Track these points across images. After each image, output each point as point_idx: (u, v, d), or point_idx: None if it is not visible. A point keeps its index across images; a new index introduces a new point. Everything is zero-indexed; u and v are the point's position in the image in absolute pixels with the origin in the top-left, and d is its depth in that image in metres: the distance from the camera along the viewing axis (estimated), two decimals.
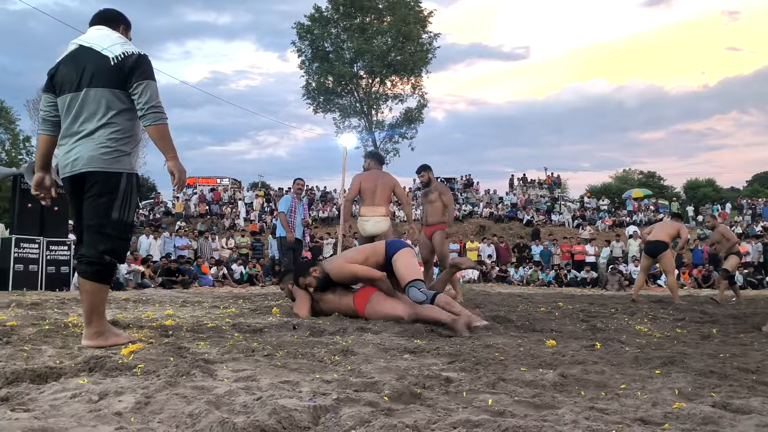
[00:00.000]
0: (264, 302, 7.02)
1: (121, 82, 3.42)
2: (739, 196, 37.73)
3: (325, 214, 30.04)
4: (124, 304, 6.50)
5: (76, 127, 3.44)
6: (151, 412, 1.87)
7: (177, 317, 4.87)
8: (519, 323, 4.99)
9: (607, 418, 1.91)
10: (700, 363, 3.06)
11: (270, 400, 1.95)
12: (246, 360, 2.85)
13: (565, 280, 20.28)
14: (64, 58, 3.57)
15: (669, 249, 9.40)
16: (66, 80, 3.49)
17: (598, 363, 3.02)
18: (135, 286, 13.62)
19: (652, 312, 6.69)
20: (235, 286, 15.69)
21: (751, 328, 5.11)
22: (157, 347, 3.02)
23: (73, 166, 3.41)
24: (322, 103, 39.49)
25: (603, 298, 10.48)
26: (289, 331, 4.07)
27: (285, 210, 10.15)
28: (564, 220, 31.45)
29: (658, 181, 56.28)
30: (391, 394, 2.16)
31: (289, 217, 10.08)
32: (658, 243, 9.45)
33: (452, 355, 3.18)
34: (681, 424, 1.90)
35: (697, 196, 48.69)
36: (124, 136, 3.50)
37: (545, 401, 2.15)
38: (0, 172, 9.70)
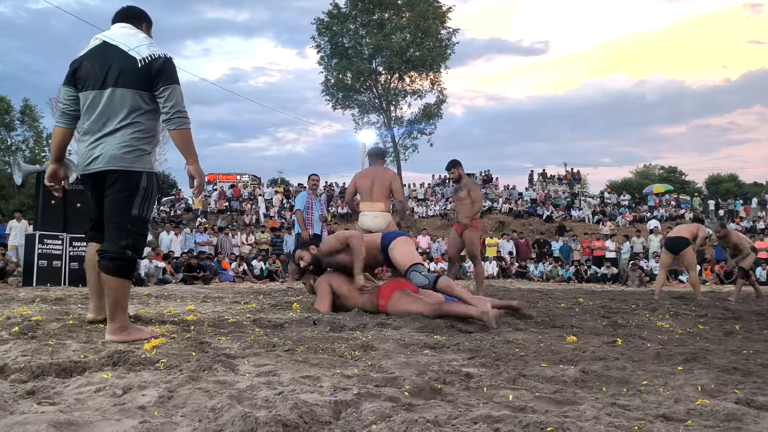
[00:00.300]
0: (284, 298, 7.06)
1: (146, 83, 3.48)
2: (762, 191, 37.21)
3: (344, 210, 30.08)
4: (146, 299, 6.56)
5: (100, 125, 3.49)
6: (174, 406, 1.89)
7: (198, 312, 4.90)
8: (539, 319, 4.97)
9: (629, 414, 1.90)
10: (723, 359, 3.03)
11: (291, 394, 1.95)
12: (267, 355, 2.87)
13: (585, 276, 20.16)
14: (87, 53, 3.60)
15: (690, 246, 9.32)
16: (90, 76, 3.52)
17: (620, 359, 3.00)
18: (156, 282, 13.74)
19: (673, 308, 6.64)
20: (255, 282, 15.77)
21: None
22: (180, 342, 3.04)
23: (96, 162, 3.47)
24: (340, 100, 39.51)
25: (623, 294, 10.40)
26: (309, 327, 4.08)
27: (302, 207, 10.18)
28: (584, 215, 31.25)
29: (679, 176, 55.70)
30: (412, 390, 2.16)
31: (306, 214, 10.11)
32: (679, 239, 9.37)
33: (472, 351, 3.17)
34: (704, 420, 1.88)
35: (719, 191, 48.13)
36: (146, 135, 3.57)
37: (566, 397, 2.14)
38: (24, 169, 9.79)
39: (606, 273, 20.13)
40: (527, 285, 16.52)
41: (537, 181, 37.51)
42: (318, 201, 10.41)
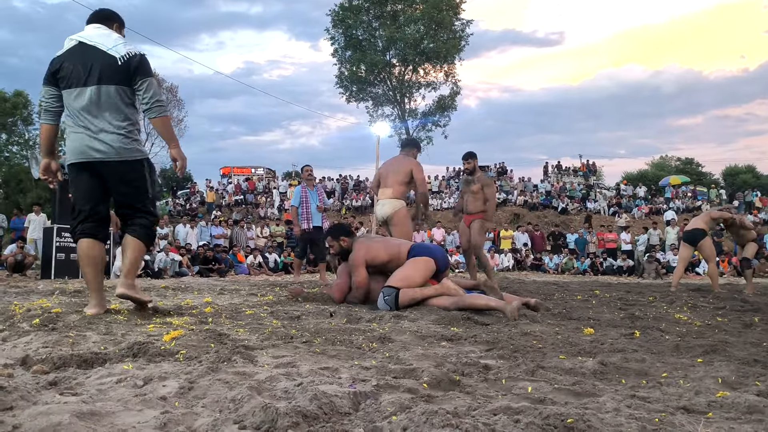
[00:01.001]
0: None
1: (126, 79, 3.87)
2: None
3: (359, 203, 30.12)
4: (163, 291, 6.60)
5: (91, 119, 3.86)
6: (195, 397, 1.90)
7: (216, 305, 4.93)
8: (556, 311, 4.95)
9: (650, 406, 1.89)
10: (743, 351, 3.00)
11: (311, 386, 1.96)
12: (285, 347, 2.88)
13: (601, 269, 20.07)
14: (66, 53, 3.92)
15: (708, 236, 9.23)
16: (72, 75, 3.86)
17: (638, 351, 2.98)
18: (173, 275, 13.83)
19: (691, 300, 6.59)
20: (270, 275, 15.83)
21: None
22: (198, 334, 3.06)
23: (101, 153, 3.86)
24: (354, 92, 39.51)
25: (640, 287, 10.35)
26: (326, 318, 4.09)
27: (296, 203, 10.05)
28: (599, 207, 31.08)
29: (696, 167, 55.19)
30: (430, 381, 2.16)
31: (301, 209, 9.99)
32: (696, 231, 9.29)
33: (490, 343, 3.17)
34: (725, 412, 1.87)
35: (736, 182, 47.70)
36: (135, 128, 4.01)
37: (586, 389, 2.13)
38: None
39: (622, 265, 20.02)
40: (542, 277, 16.47)
41: (552, 173, 37.33)
42: (314, 192, 10.24)
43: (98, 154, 3.85)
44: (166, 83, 42.57)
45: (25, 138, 38.67)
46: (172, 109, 42.63)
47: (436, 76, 39.68)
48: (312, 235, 10.00)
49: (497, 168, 36.58)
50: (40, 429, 1.47)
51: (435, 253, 5.06)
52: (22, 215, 17.77)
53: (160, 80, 41.94)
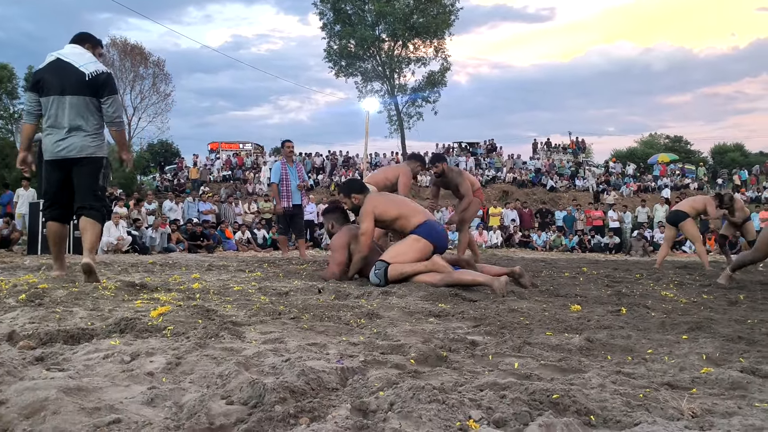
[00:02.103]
0: (288, 266, 7.09)
1: (93, 92, 4.74)
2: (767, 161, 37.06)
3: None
4: (151, 267, 6.59)
5: (64, 122, 4.72)
6: (182, 373, 1.91)
7: (204, 281, 4.93)
8: (543, 288, 4.99)
9: (634, 382, 1.91)
10: (728, 328, 3.04)
11: (298, 361, 1.97)
12: (273, 323, 2.88)
13: (589, 246, 20.19)
14: (46, 67, 4.79)
15: (689, 218, 9.28)
16: (51, 86, 4.73)
17: (624, 328, 3.01)
18: (160, 251, 13.80)
19: (677, 278, 6.66)
20: (258, 251, 15.83)
21: None
22: (186, 310, 3.06)
23: (69, 151, 4.74)
24: (344, 67, 39.30)
25: (627, 264, 10.43)
26: (314, 295, 4.10)
27: (276, 180, 9.89)
28: (588, 185, 31.19)
29: (684, 145, 55.37)
30: (418, 357, 2.17)
31: (281, 186, 9.86)
32: (678, 212, 9.36)
33: (477, 319, 3.19)
34: (709, 389, 1.89)
35: (724, 160, 47.93)
36: (100, 129, 4.87)
37: (572, 365, 2.15)
38: None
39: (609, 243, 20.15)
40: (530, 254, 16.57)
41: (541, 150, 37.38)
42: (294, 169, 10.05)
43: (65, 152, 4.73)
44: (152, 57, 42.10)
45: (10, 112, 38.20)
46: (159, 83, 42.21)
47: (426, 51, 39.53)
48: (291, 212, 9.94)
49: (487, 145, 36.57)
50: (26, 404, 1.47)
51: (437, 240, 5.01)
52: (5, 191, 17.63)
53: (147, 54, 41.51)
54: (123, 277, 5.17)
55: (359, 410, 1.56)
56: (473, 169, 31.87)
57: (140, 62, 41.46)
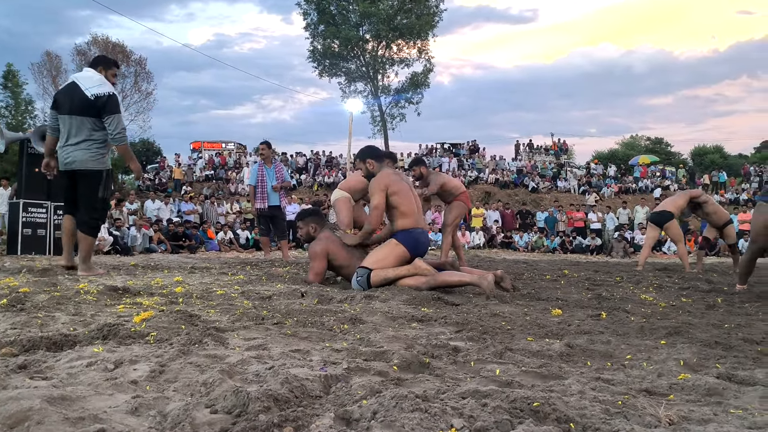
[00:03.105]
0: (271, 268, 7.07)
1: (95, 112, 5.49)
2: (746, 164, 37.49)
3: (331, 180, 30.01)
4: (132, 270, 6.55)
5: (70, 139, 5.55)
6: (166, 381, 1.91)
7: (186, 284, 4.91)
8: (525, 291, 5.02)
9: (613, 388, 1.95)
10: (705, 333, 3.09)
11: (282, 369, 1.98)
12: (256, 328, 2.89)
13: (570, 247, 20.32)
14: (63, 88, 5.72)
15: (674, 219, 9.38)
16: (63, 105, 5.59)
17: (604, 333, 3.05)
18: (142, 251, 13.72)
19: (657, 280, 6.73)
20: (241, 252, 15.78)
21: (756, 297, 5.14)
22: (169, 315, 3.05)
23: (71, 165, 5.57)
24: (327, 67, 39.25)
25: (608, 266, 10.52)
26: (297, 299, 4.11)
27: (253, 182, 9.93)
28: (570, 186, 31.39)
29: (665, 147, 55.87)
30: (400, 364, 2.19)
31: (257, 187, 9.87)
32: (663, 213, 9.43)
33: (459, 324, 3.21)
34: (686, 395, 1.93)
35: (704, 162, 48.41)
36: (102, 146, 5.63)
37: (552, 371, 2.18)
38: (7, 136, 9.67)
39: (590, 244, 20.30)
40: (512, 255, 16.65)
41: (523, 151, 37.56)
42: (272, 170, 10.03)
43: (69, 164, 5.57)
44: (134, 55, 41.78)
45: None
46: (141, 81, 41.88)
47: (410, 52, 39.60)
48: (270, 213, 9.94)
49: (469, 145, 36.68)
50: (10, 414, 1.47)
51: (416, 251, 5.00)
52: None
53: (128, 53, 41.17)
54: (105, 280, 5.14)
55: (342, 419, 1.58)
56: (456, 170, 31.97)
57: (122, 60, 41.12)
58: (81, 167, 5.53)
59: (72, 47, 41.47)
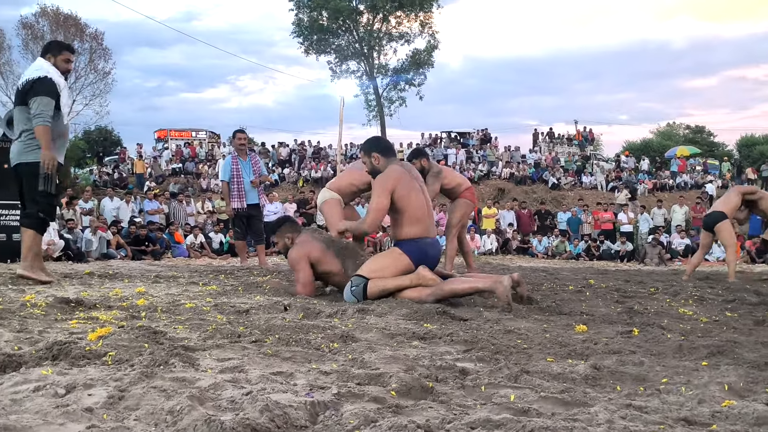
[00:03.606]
0: (249, 277, 7.07)
1: (25, 100, 5.87)
2: None
3: (319, 174, 30.02)
4: (87, 279, 6.55)
5: (14, 132, 6.04)
6: (126, 408, 1.91)
7: (150, 296, 4.91)
8: (544, 304, 5.03)
9: (647, 417, 1.95)
10: (754, 353, 3.09)
11: (261, 394, 1.98)
12: (231, 347, 2.89)
13: (597, 253, 20.35)
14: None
15: (725, 220, 9.39)
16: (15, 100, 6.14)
17: (636, 353, 3.06)
18: (98, 257, 13.70)
19: (697, 292, 6.74)
20: (214, 258, 15.78)
21: None
22: (129, 332, 3.05)
23: (12, 160, 6.03)
24: (315, 43, 39.23)
25: (641, 275, 10.53)
26: (279, 313, 4.11)
27: (227, 178, 9.94)
28: (596, 182, 31.43)
29: (707, 137, 56.08)
30: (399, 389, 2.19)
31: (233, 184, 9.90)
32: (712, 213, 9.49)
33: (468, 343, 3.22)
34: (731, 425, 1.93)
35: (752, 154, 48.52)
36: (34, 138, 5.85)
37: (575, 397, 2.18)
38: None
39: (620, 249, 20.33)
40: (530, 262, 16.67)
41: (542, 141, 37.61)
42: (248, 163, 10.08)
43: (12, 161, 6.02)
44: (89, 28, 41.73)
45: None
46: (97, 59, 41.78)
47: (410, 26, 39.58)
48: (248, 213, 9.94)
49: (480, 135, 36.72)
50: None
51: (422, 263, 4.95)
52: None
53: (82, 26, 41.09)
54: (55, 291, 5.13)
55: None
56: (464, 163, 32.02)
57: (75, 35, 41.03)
58: (17, 160, 5.95)
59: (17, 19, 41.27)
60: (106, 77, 42.40)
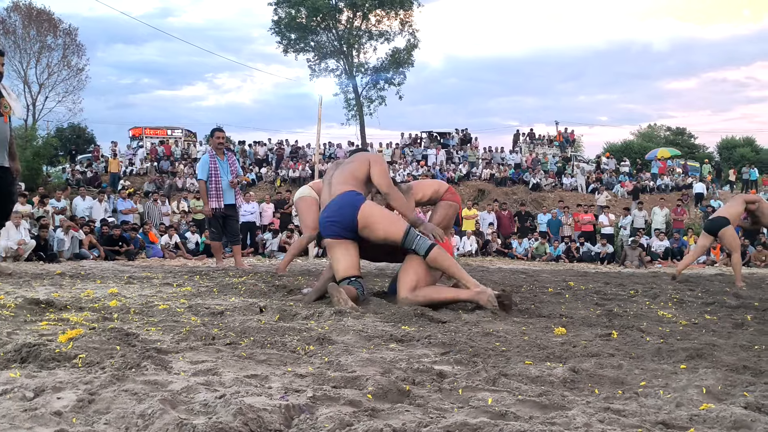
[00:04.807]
0: (225, 278, 7.05)
1: None
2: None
3: (297, 174, 29.95)
4: (59, 280, 6.49)
5: None
6: (96, 412, 1.90)
7: (123, 297, 4.88)
8: (523, 307, 5.05)
9: (625, 420, 1.96)
10: (732, 356, 3.12)
11: (235, 398, 1.97)
12: (205, 349, 2.88)
13: (577, 255, 20.46)
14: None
15: (729, 225, 9.52)
16: None
17: (615, 355, 3.08)
18: (71, 258, 13.59)
19: (677, 294, 6.79)
20: (189, 258, 15.69)
21: None
22: (101, 334, 3.03)
23: None
24: (293, 42, 39.11)
25: (621, 277, 10.60)
26: (255, 315, 4.10)
27: (204, 177, 9.87)
28: (577, 184, 31.59)
29: (688, 139, 56.59)
30: (376, 392, 2.19)
31: (210, 183, 9.83)
32: (717, 219, 9.66)
33: (446, 345, 3.22)
34: (709, 428, 1.95)
35: (733, 157, 49.01)
36: None
37: (553, 401, 2.19)
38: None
39: (600, 251, 20.45)
40: (510, 264, 16.73)
41: (523, 142, 37.73)
42: (225, 163, 10.02)
43: None
44: (63, 24, 41.42)
45: None
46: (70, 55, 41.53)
47: (390, 24, 39.57)
48: (224, 213, 9.90)
49: (460, 135, 36.79)
50: None
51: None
52: None
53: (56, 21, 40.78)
54: (25, 292, 5.09)
55: None
56: (444, 164, 32.07)
57: (48, 30, 40.79)
58: None
59: None
60: (80, 74, 42.20)
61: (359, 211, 4.86)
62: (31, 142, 28.66)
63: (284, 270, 8.48)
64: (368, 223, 4.85)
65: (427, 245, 4.80)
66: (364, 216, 4.85)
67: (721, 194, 29.81)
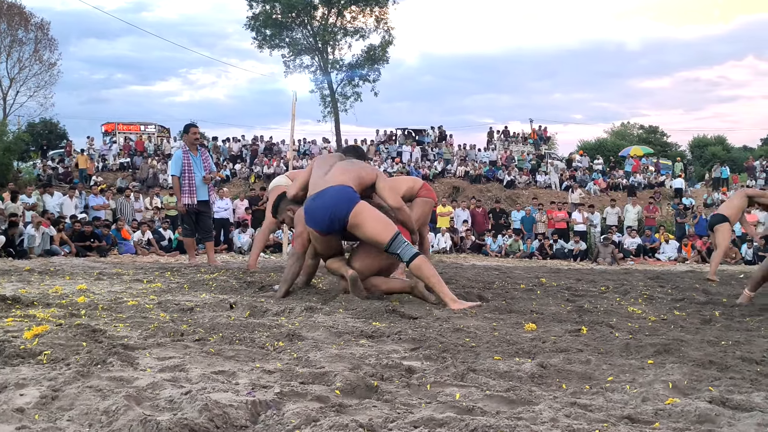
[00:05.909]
0: (196, 275, 7.00)
1: None
2: (750, 157, 38.45)
3: (271, 170, 29.82)
4: (27, 276, 6.42)
5: None
6: (59, 409, 1.88)
7: (91, 293, 4.84)
8: (494, 303, 5.07)
9: (591, 415, 1.97)
10: (699, 352, 3.16)
11: (201, 394, 1.96)
12: (173, 346, 2.86)
13: (550, 252, 20.56)
14: None
15: (727, 222, 9.61)
16: None
17: (584, 351, 3.10)
18: (41, 254, 13.45)
19: (647, 291, 6.85)
20: (162, 255, 15.58)
21: (758, 310, 5.27)
22: (67, 330, 3.00)
23: None
24: (268, 38, 38.92)
25: (593, 274, 10.67)
26: (225, 311, 4.08)
27: (177, 172, 9.72)
28: (551, 181, 31.75)
29: (660, 137, 57.02)
30: (344, 387, 2.19)
31: (183, 179, 9.71)
32: (716, 215, 9.83)
33: (416, 341, 3.23)
34: (673, 422, 1.96)
35: (704, 155, 49.50)
36: None
37: (521, 396, 2.20)
38: None
39: (573, 249, 20.57)
40: (483, 261, 16.78)
41: (497, 140, 37.86)
42: (199, 159, 9.87)
43: None
44: (34, 18, 40.95)
45: None
46: (42, 49, 41.10)
47: (365, 21, 39.50)
48: (197, 210, 9.84)
49: (436, 132, 36.85)
50: None
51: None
52: None
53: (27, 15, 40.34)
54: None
55: None
56: (419, 161, 32.09)
57: (19, 24, 40.28)
58: None
59: None
60: (52, 68, 41.70)
61: (354, 208, 4.88)
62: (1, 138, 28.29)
63: (254, 266, 8.43)
64: (359, 222, 4.88)
65: (411, 253, 4.86)
66: (357, 213, 4.88)
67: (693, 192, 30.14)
